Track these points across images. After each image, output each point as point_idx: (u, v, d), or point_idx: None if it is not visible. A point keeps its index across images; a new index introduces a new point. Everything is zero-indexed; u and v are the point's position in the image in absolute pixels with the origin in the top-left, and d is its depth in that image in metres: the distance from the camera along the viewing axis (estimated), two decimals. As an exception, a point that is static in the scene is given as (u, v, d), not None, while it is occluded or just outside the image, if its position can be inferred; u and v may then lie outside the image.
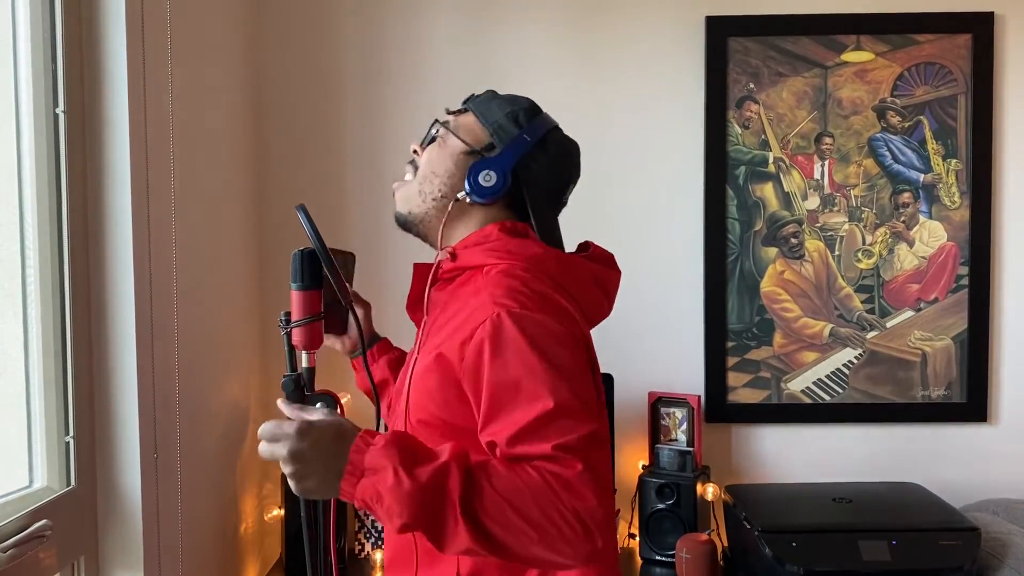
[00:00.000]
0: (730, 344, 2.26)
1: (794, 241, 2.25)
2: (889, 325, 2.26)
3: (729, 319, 2.25)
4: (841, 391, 2.26)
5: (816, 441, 2.28)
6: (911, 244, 2.25)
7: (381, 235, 2.26)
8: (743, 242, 2.24)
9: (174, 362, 1.66)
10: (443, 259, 1.23)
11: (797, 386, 2.26)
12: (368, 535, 2.16)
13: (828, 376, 2.26)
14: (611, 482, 1.23)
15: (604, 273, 1.25)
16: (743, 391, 2.27)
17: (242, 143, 2.13)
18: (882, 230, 2.25)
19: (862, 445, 2.27)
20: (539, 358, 1.05)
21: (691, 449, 2.11)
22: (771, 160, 2.24)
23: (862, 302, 2.25)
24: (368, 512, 1.02)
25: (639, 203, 2.24)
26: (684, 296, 2.25)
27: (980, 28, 2.21)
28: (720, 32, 2.21)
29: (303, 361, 1.13)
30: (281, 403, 1.10)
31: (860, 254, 2.25)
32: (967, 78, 2.22)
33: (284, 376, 1.11)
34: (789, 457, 2.28)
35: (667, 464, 2.12)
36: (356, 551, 2.17)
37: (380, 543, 2.15)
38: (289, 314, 1.13)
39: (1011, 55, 2.22)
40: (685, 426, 2.14)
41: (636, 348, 2.24)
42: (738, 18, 2.21)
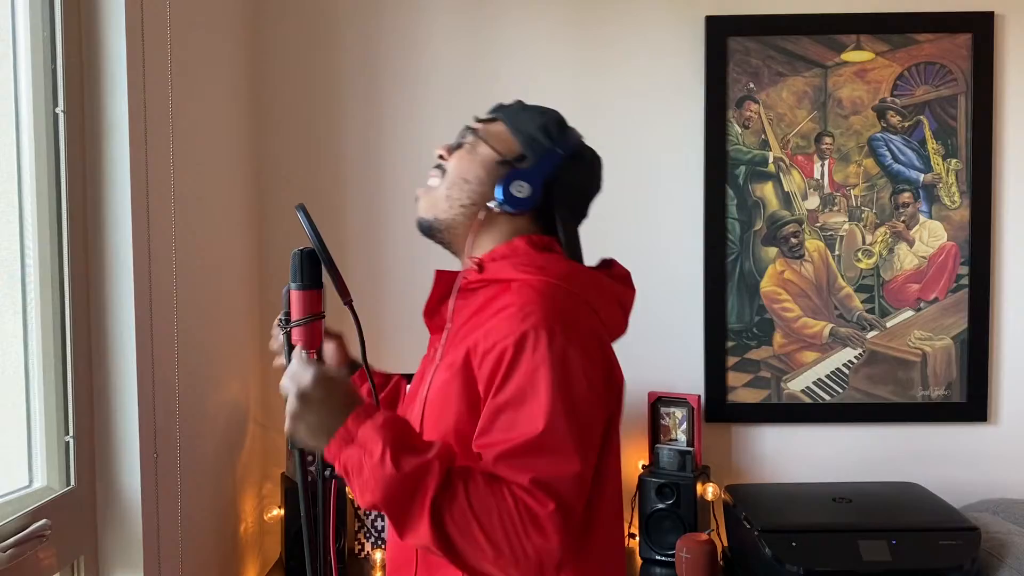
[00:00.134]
0: (730, 344, 2.26)
1: (794, 241, 2.25)
2: (889, 325, 2.26)
3: (729, 319, 2.25)
4: (841, 391, 2.26)
5: (816, 441, 2.28)
6: (911, 244, 2.25)
7: (381, 235, 2.26)
8: (743, 242, 2.24)
9: (174, 362, 1.66)
10: (469, 270, 1.22)
11: (797, 386, 2.26)
12: (368, 535, 2.16)
13: (828, 376, 2.26)
14: (620, 511, 1.24)
15: (624, 293, 1.26)
16: (743, 391, 2.27)
17: (242, 143, 2.13)
18: (882, 230, 2.25)
19: (862, 445, 2.27)
20: (551, 386, 1.06)
21: (691, 449, 2.11)
22: (771, 160, 2.24)
23: (862, 302, 2.25)
24: (344, 479, 1.05)
25: (639, 202, 2.24)
26: (684, 296, 2.25)
27: (980, 28, 2.21)
28: (720, 32, 2.21)
29: (303, 361, 1.13)
30: (304, 356, 1.11)
31: (860, 254, 2.25)
32: (967, 78, 2.22)
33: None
34: (789, 457, 2.28)
35: (667, 464, 2.12)
36: (356, 551, 2.17)
37: (380, 543, 2.15)
38: (289, 314, 1.13)
39: (1011, 55, 2.22)
40: (685, 426, 2.14)
41: (636, 348, 2.22)
42: (738, 18, 2.21)
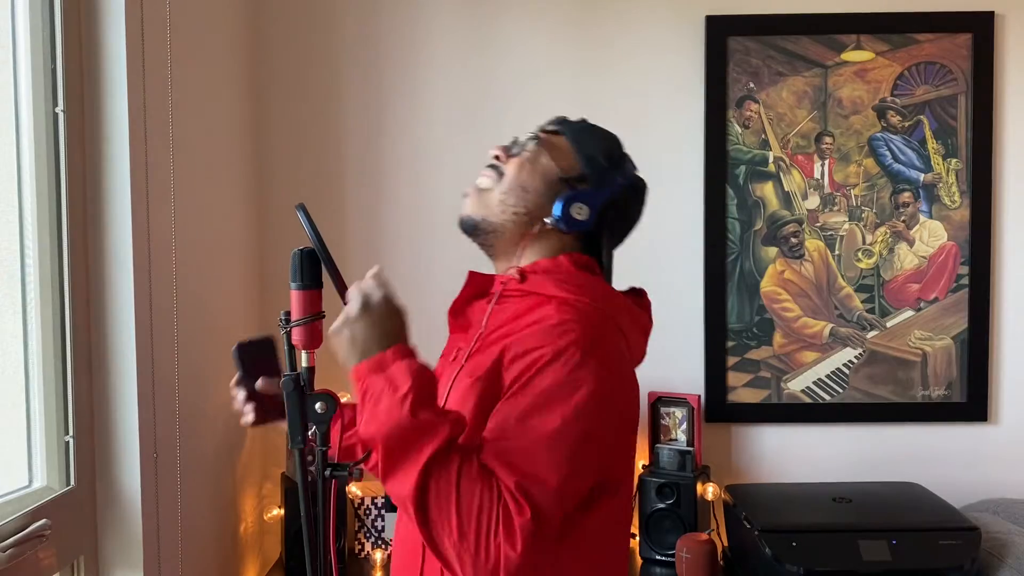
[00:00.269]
0: (730, 344, 2.26)
1: (794, 241, 2.25)
2: (889, 325, 2.26)
3: (729, 319, 2.25)
4: (841, 391, 2.26)
5: (816, 441, 2.28)
6: (911, 244, 2.25)
7: (381, 235, 2.26)
8: (743, 242, 2.24)
9: (174, 362, 1.66)
10: (511, 278, 1.22)
11: (797, 386, 2.26)
12: (368, 535, 2.17)
13: (828, 376, 2.26)
14: (629, 529, 1.25)
15: (648, 323, 1.27)
16: (743, 391, 2.27)
17: (242, 143, 2.13)
18: (882, 230, 2.25)
19: (862, 445, 2.27)
20: (571, 404, 1.06)
21: (691, 449, 2.11)
22: (771, 159, 2.24)
23: (862, 302, 2.25)
24: (361, 401, 1.07)
25: (639, 203, 2.23)
26: (684, 295, 2.25)
27: (980, 27, 2.21)
28: (720, 31, 2.21)
29: (303, 360, 1.13)
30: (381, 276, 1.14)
31: (860, 254, 2.25)
32: (967, 77, 2.22)
33: (284, 375, 1.11)
34: (789, 457, 2.28)
35: (667, 464, 2.12)
36: (356, 551, 2.17)
37: (380, 543, 2.15)
38: (289, 313, 1.13)
39: (1011, 54, 2.22)
40: (685, 426, 2.14)
41: (636, 348, 2.23)
42: (738, 17, 2.21)
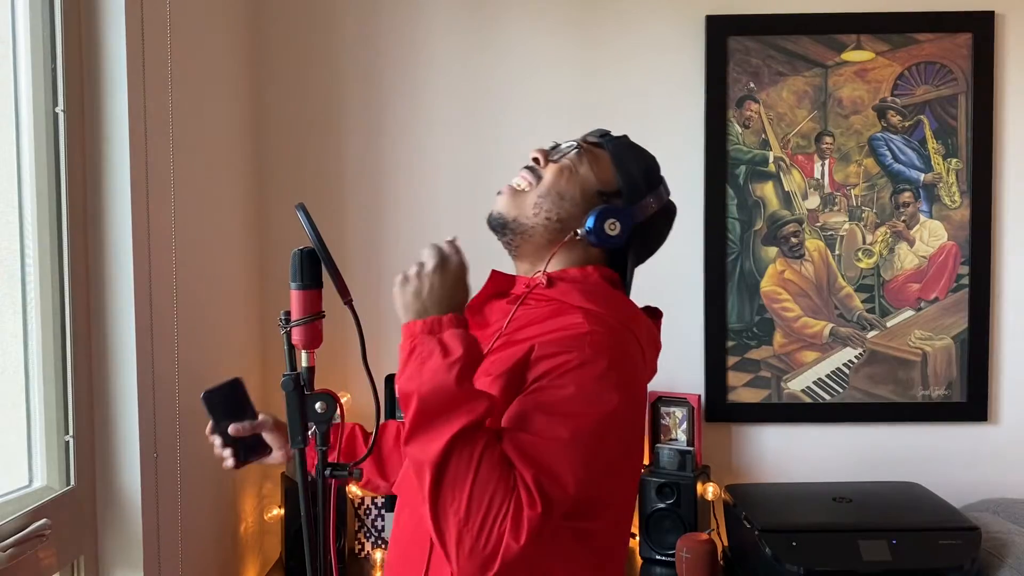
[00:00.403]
0: (730, 343, 2.26)
1: (794, 240, 2.25)
2: (889, 325, 2.25)
3: (729, 318, 2.25)
4: (841, 391, 2.26)
5: (816, 441, 2.28)
6: (911, 243, 2.25)
7: (381, 235, 2.26)
8: (743, 241, 2.24)
9: (174, 362, 1.66)
10: (538, 282, 1.22)
11: (797, 386, 2.26)
12: (368, 535, 2.17)
13: (828, 376, 2.26)
14: (628, 532, 1.25)
15: (659, 343, 1.28)
16: (743, 390, 2.27)
17: (242, 143, 2.13)
18: (882, 229, 2.25)
19: (862, 445, 2.27)
20: (596, 411, 1.07)
21: (691, 448, 2.11)
22: (771, 159, 2.23)
23: (862, 301, 2.25)
24: (406, 356, 1.08)
25: (639, 202, 2.23)
26: (684, 295, 2.25)
27: (980, 27, 2.21)
28: (720, 31, 2.21)
29: (303, 360, 1.13)
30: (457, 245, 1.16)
31: (860, 253, 2.25)
32: (967, 77, 2.22)
33: (284, 375, 1.11)
34: (789, 457, 2.28)
35: (667, 463, 2.12)
36: (356, 551, 2.17)
37: (380, 543, 2.15)
38: (289, 313, 1.13)
39: (1011, 54, 2.22)
40: (685, 425, 2.14)
41: (636, 348, 2.23)
42: (738, 17, 2.21)
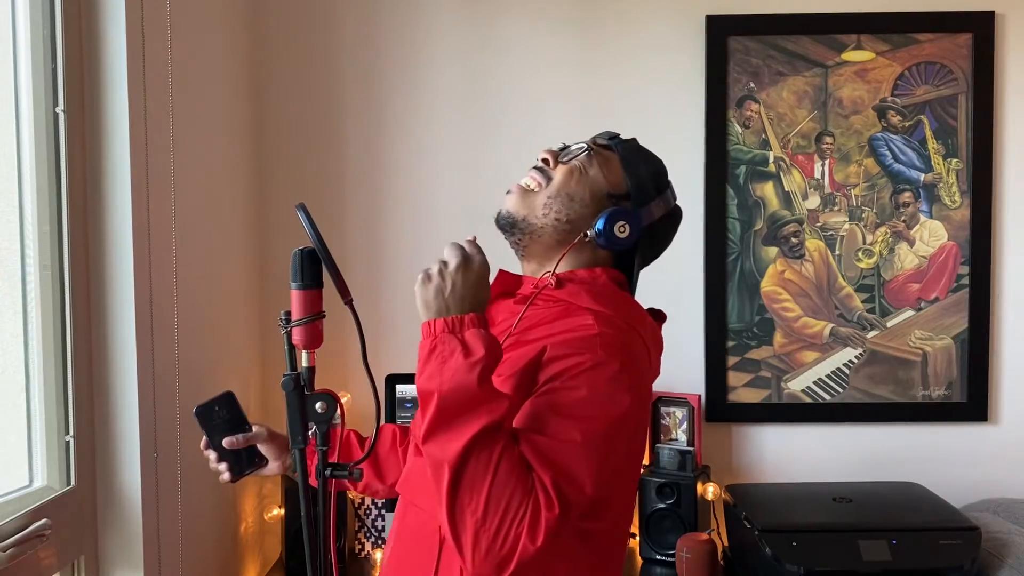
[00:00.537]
0: (730, 343, 2.26)
1: (794, 240, 2.25)
2: (889, 325, 2.25)
3: (729, 318, 2.25)
4: (841, 391, 2.26)
5: (816, 441, 2.28)
6: (911, 243, 2.25)
7: (381, 235, 2.26)
8: (743, 241, 2.24)
9: (174, 362, 1.66)
10: (547, 283, 1.22)
11: (797, 386, 2.26)
12: (368, 535, 2.17)
13: (828, 376, 2.26)
14: (628, 531, 1.26)
15: (662, 345, 1.28)
16: (743, 391, 2.26)
17: (242, 143, 2.13)
18: (882, 229, 2.25)
19: (862, 445, 2.27)
20: (609, 413, 1.08)
21: (691, 448, 2.11)
22: (771, 159, 2.23)
23: (862, 302, 2.25)
24: (427, 354, 1.08)
25: (639, 202, 2.23)
26: (684, 295, 2.25)
27: (980, 27, 2.21)
28: (720, 31, 2.21)
29: (303, 360, 1.13)
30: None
31: (860, 253, 2.25)
32: (967, 77, 2.22)
33: (284, 375, 1.11)
34: (789, 457, 2.28)
35: (667, 463, 2.12)
36: (356, 551, 2.17)
37: (380, 543, 2.15)
38: (289, 313, 1.13)
39: (1012, 54, 2.22)
40: (685, 425, 2.14)
41: (636, 348, 2.23)
42: (738, 17, 2.21)
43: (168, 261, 1.64)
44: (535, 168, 1.27)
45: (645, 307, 1.27)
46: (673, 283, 2.24)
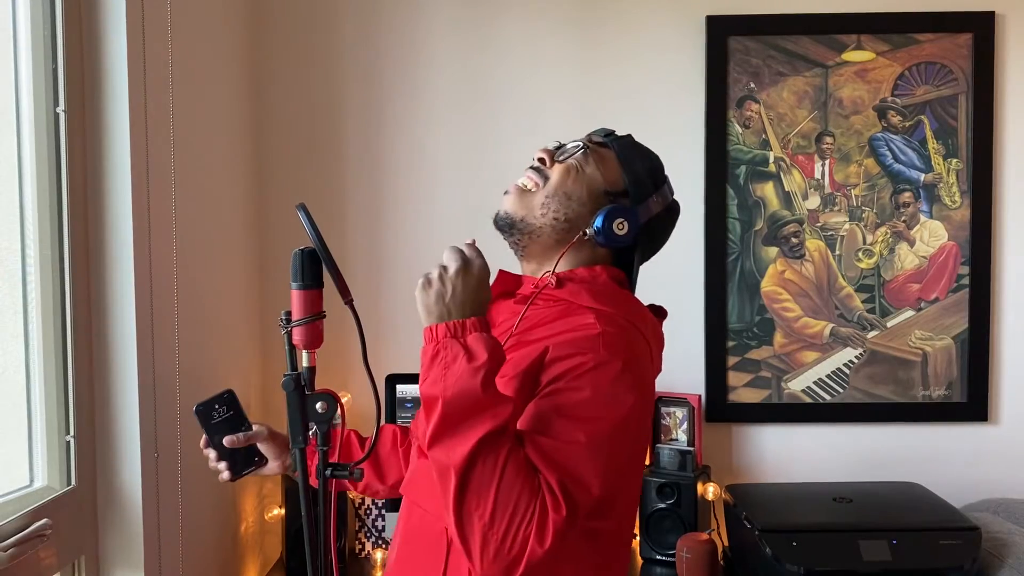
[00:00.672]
0: (730, 344, 2.26)
1: (795, 241, 2.25)
2: (890, 325, 2.26)
3: (729, 319, 2.25)
4: (842, 391, 2.26)
5: (816, 441, 2.28)
6: (912, 244, 2.25)
7: (381, 235, 2.26)
8: (743, 241, 2.24)
9: (174, 362, 1.66)
10: (547, 283, 1.22)
11: (798, 386, 2.26)
12: (368, 534, 2.17)
13: (829, 376, 2.26)
14: (632, 531, 1.26)
15: (663, 341, 1.28)
16: (743, 391, 2.27)
17: (242, 143, 2.13)
18: (883, 230, 2.25)
19: (862, 445, 2.27)
20: (613, 414, 1.08)
21: (691, 448, 2.11)
22: (772, 159, 2.24)
23: (863, 302, 2.25)
24: (429, 359, 1.07)
25: (639, 203, 2.23)
26: (684, 295, 2.25)
27: (981, 27, 2.21)
28: (720, 31, 2.21)
29: (304, 360, 1.13)
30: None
31: (861, 254, 2.25)
32: (968, 77, 2.22)
33: (285, 375, 1.11)
34: (789, 457, 2.28)
35: (667, 463, 2.12)
36: (357, 550, 2.17)
37: (380, 543, 2.15)
38: (290, 313, 1.13)
39: (1012, 54, 2.22)
40: (685, 425, 2.14)
41: (636, 348, 2.23)
42: (738, 17, 2.21)
43: (168, 261, 1.64)
44: (531, 168, 1.27)
45: (645, 303, 1.27)
46: (673, 283, 2.24)
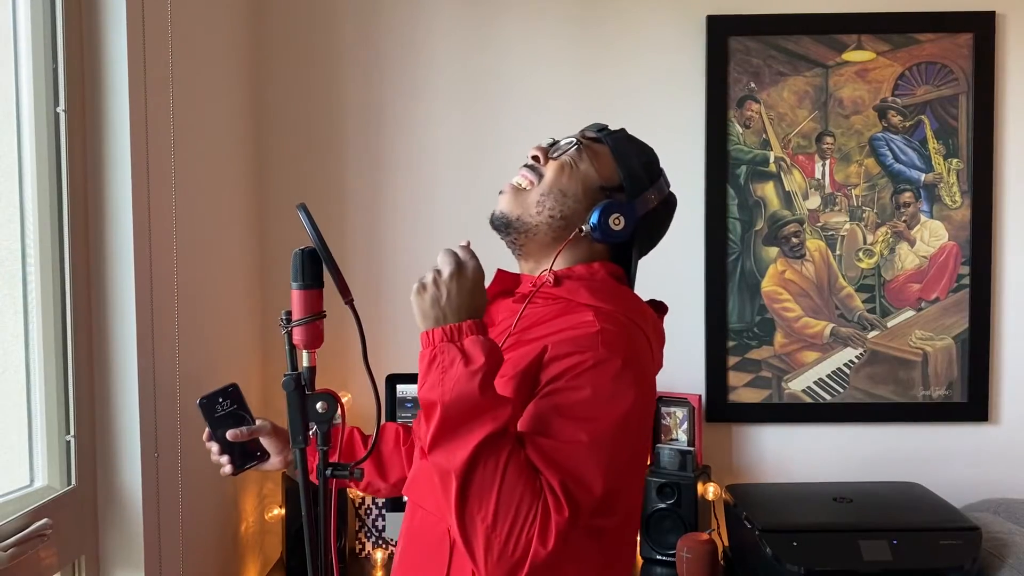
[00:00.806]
0: (731, 343, 2.26)
1: (795, 240, 2.25)
2: (890, 325, 2.25)
3: (730, 318, 2.25)
4: (842, 391, 2.26)
5: (816, 441, 2.28)
6: (912, 243, 2.25)
7: (381, 235, 2.26)
8: (744, 241, 2.24)
9: (174, 361, 1.66)
10: (545, 281, 1.22)
11: (798, 386, 2.26)
12: (369, 534, 2.17)
13: (829, 376, 2.26)
14: (636, 530, 1.26)
15: (664, 336, 1.28)
16: (744, 391, 2.26)
17: (242, 143, 2.13)
18: (883, 229, 2.25)
19: (862, 445, 2.27)
20: (613, 412, 1.07)
21: (692, 448, 2.11)
22: (772, 159, 2.23)
23: (863, 302, 2.25)
24: (427, 364, 1.07)
25: (640, 202, 2.23)
26: (685, 295, 2.25)
27: (981, 27, 2.21)
28: (721, 31, 2.21)
29: (304, 360, 1.13)
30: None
31: (861, 254, 2.25)
32: (968, 77, 2.22)
33: (285, 375, 1.11)
34: (789, 457, 2.28)
35: (668, 463, 2.12)
36: (357, 550, 2.17)
37: (381, 543, 2.15)
38: (290, 313, 1.13)
39: (1012, 54, 2.22)
40: (686, 425, 2.14)
41: (637, 347, 2.23)
42: (739, 17, 2.21)
43: (169, 261, 1.64)
44: (526, 166, 1.26)
45: (645, 299, 1.26)
46: (674, 283, 2.23)
